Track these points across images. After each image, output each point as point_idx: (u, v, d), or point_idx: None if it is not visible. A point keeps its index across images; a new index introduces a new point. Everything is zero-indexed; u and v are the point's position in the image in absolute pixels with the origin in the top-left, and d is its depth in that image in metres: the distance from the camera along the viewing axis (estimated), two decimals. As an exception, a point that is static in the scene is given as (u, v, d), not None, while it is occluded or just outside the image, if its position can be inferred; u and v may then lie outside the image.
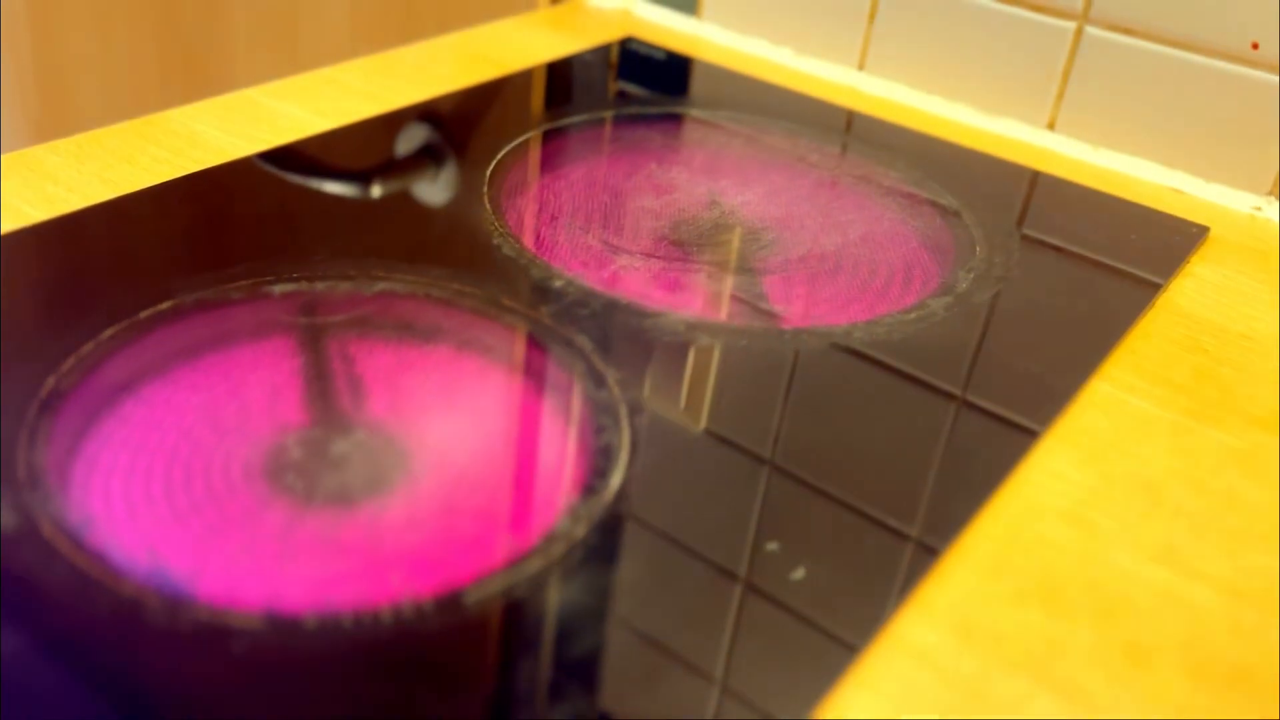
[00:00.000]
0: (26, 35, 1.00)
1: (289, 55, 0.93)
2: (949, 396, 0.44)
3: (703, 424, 0.41)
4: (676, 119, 0.65)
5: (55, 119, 1.03)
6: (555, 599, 0.33)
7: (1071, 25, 0.65)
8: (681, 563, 0.35)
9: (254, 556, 0.33)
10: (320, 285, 0.45)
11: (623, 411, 0.40)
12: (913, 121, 0.68)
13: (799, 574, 0.35)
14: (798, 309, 0.49)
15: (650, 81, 0.71)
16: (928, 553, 0.36)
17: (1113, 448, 0.42)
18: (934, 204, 0.58)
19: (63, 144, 0.52)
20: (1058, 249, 0.55)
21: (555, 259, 0.49)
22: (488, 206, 0.52)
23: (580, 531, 0.35)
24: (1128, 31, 0.63)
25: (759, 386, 0.43)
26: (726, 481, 0.38)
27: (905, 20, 0.70)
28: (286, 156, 0.55)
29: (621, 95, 0.69)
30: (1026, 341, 0.48)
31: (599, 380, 0.42)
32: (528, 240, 0.50)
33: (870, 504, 0.38)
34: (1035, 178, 0.63)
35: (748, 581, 0.34)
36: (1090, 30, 0.64)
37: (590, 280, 0.48)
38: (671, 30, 0.78)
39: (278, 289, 0.45)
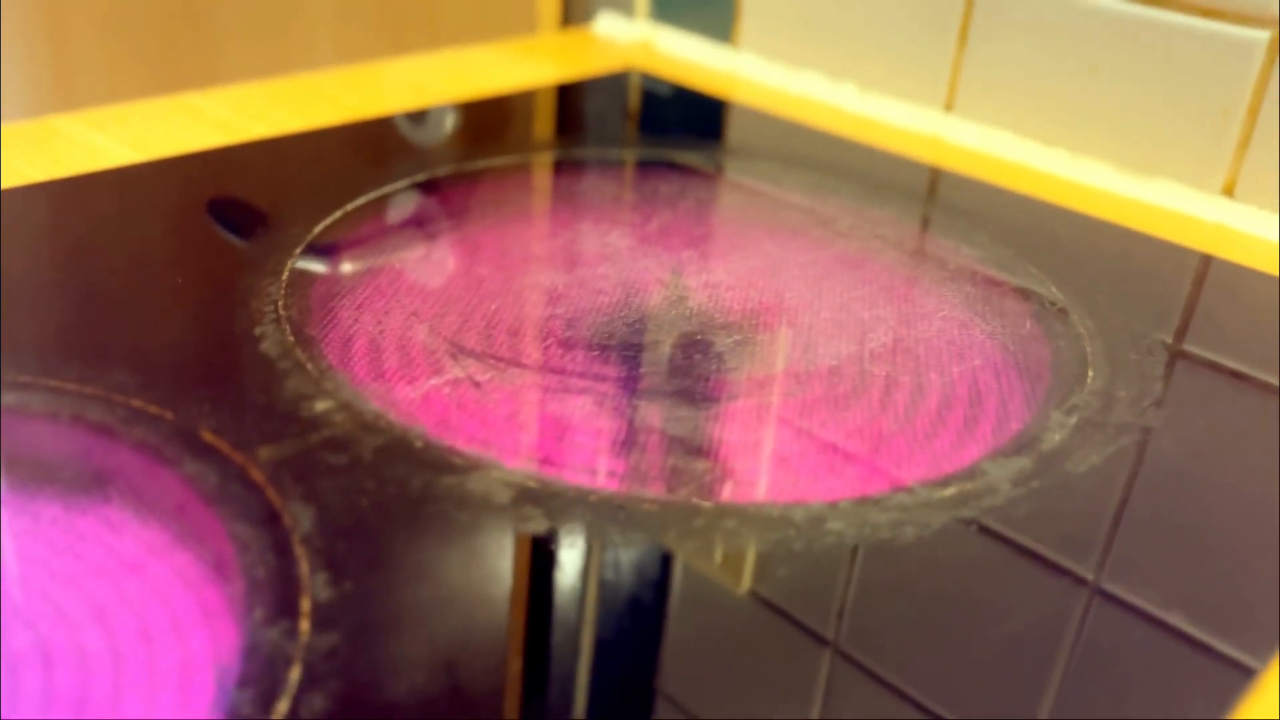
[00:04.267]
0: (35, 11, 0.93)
1: (279, 57, 0.80)
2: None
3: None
4: (656, 163, 0.45)
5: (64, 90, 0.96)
6: None
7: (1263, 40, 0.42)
8: None
9: None
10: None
11: (289, 681, 0.20)
12: (1020, 182, 0.46)
13: None
14: (747, 468, 0.27)
15: (668, 123, 0.51)
16: None
17: None
18: (1027, 296, 0.36)
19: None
20: (1236, 374, 0.32)
21: (349, 364, 0.30)
22: (281, 278, 0.33)
23: None
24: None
25: (608, 610, 0.22)
26: None
27: (1012, 43, 0.48)
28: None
29: (595, 133, 0.49)
30: (1178, 565, 0.25)
31: (281, 605, 0.21)
32: (321, 333, 0.31)
33: None
34: (1204, 264, 0.40)
35: None
36: (1294, 44, 0.42)
37: (384, 402, 0.28)
38: (701, 66, 0.58)
39: None
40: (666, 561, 0.24)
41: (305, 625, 0.21)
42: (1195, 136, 0.45)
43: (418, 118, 0.47)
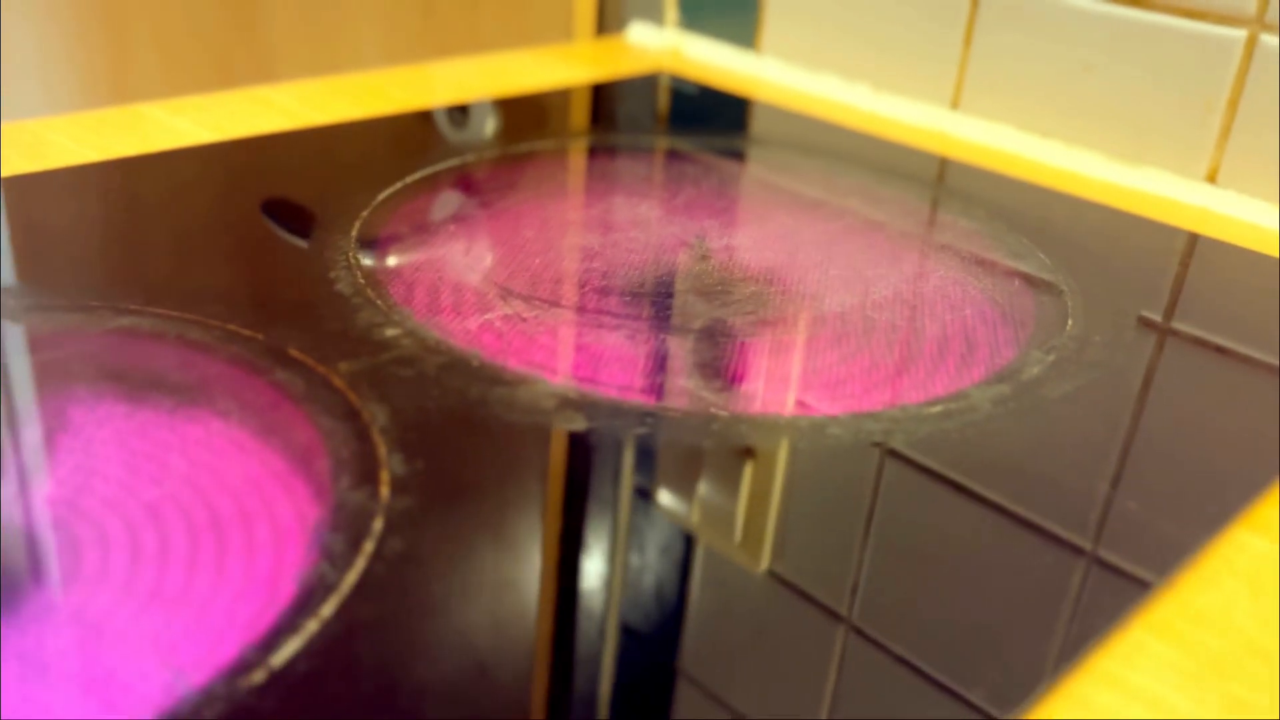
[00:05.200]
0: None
1: (328, 59, 0.84)
2: (998, 512, 0.25)
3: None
4: (684, 151, 0.49)
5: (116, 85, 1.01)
6: None
7: (1242, 33, 0.46)
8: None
9: None
10: (40, 316, 0.31)
11: (374, 529, 0.24)
12: (1019, 171, 0.50)
13: None
14: (762, 389, 0.31)
15: (696, 118, 0.55)
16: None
17: (1239, 619, 0.23)
18: (1018, 260, 0.40)
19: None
20: (1198, 340, 0.36)
21: (412, 302, 0.34)
22: (351, 236, 0.37)
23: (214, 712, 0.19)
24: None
25: (638, 485, 0.26)
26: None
27: (1012, 45, 0.52)
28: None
29: (636, 124, 0.53)
30: (1122, 468, 0.29)
31: (364, 476, 0.26)
32: (385, 278, 0.35)
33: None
34: (1186, 240, 0.44)
35: None
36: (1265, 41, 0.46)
37: (444, 332, 0.32)
38: (726, 69, 0.62)
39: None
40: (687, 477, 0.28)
41: (385, 491, 0.25)
42: (1180, 127, 0.49)
43: (461, 112, 0.51)
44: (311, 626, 0.21)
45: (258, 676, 0.20)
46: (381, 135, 0.48)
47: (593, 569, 0.24)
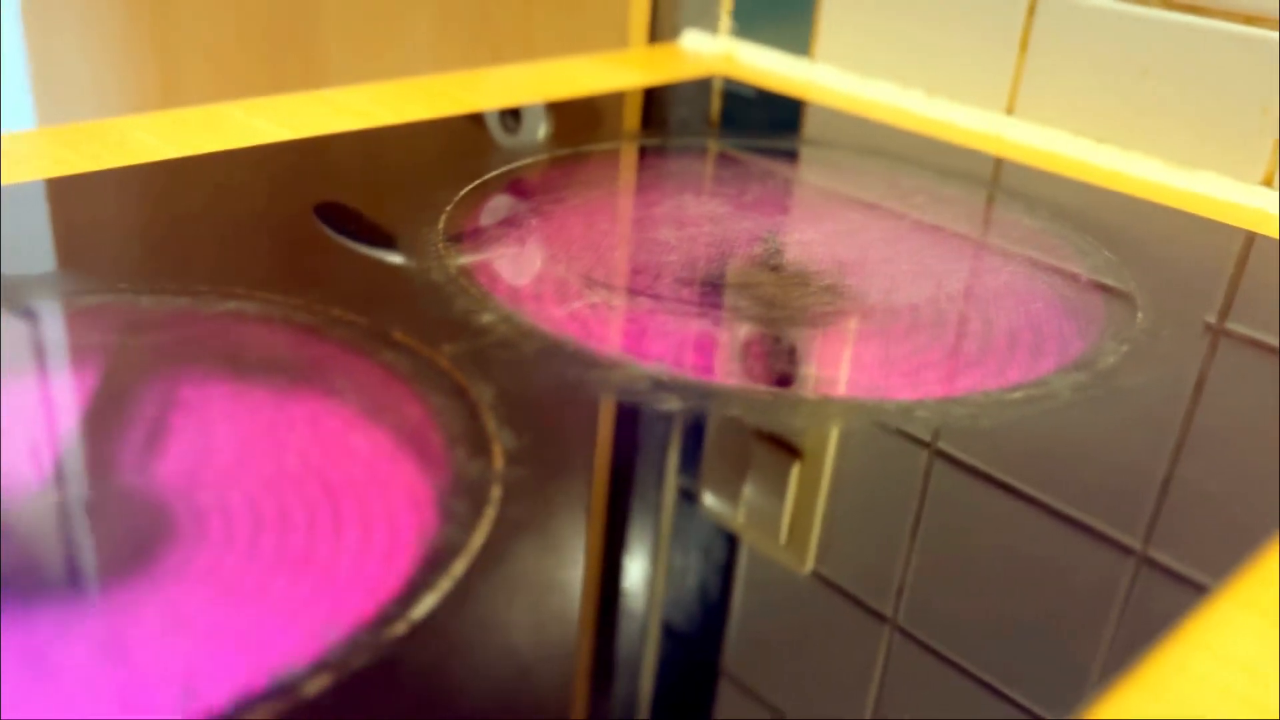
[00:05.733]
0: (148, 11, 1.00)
1: (379, 69, 0.86)
2: (1052, 514, 0.26)
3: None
4: (745, 151, 0.50)
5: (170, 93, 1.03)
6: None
7: (1298, 40, 0.47)
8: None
9: None
10: (149, 299, 0.32)
11: (492, 496, 0.25)
12: (1075, 174, 0.51)
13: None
14: (844, 374, 0.32)
15: (750, 121, 0.56)
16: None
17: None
18: (1083, 256, 0.41)
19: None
20: (1256, 341, 0.37)
21: (500, 290, 0.35)
22: (438, 229, 0.38)
23: (317, 686, 0.20)
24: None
25: (732, 470, 0.27)
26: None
27: (1068, 50, 0.53)
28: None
29: (692, 126, 0.54)
30: (1202, 459, 0.30)
31: (478, 448, 0.27)
32: (474, 269, 0.36)
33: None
34: (1244, 238, 0.44)
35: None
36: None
37: (536, 318, 0.33)
38: (780, 76, 0.64)
39: (96, 300, 0.32)
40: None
41: (499, 462, 0.26)
42: (1236, 132, 0.49)
43: (514, 116, 0.53)
44: (445, 584, 0.22)
45: (400, 628, 0.21)
46: (457, 134, 0.49)
47: (690, 538, 0.25)
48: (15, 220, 0.36)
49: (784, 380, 0.31)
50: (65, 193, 0.39)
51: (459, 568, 0.23)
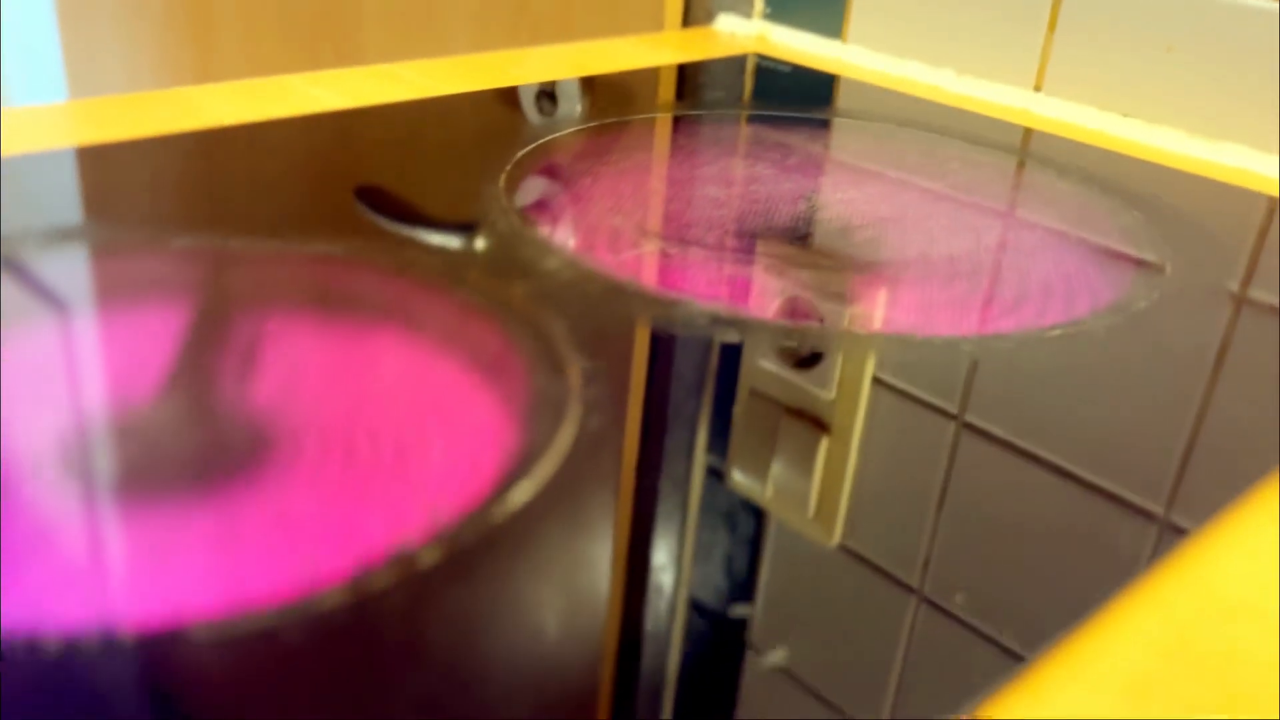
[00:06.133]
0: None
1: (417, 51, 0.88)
2: (1078, 483, 0.28)
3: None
4: (791, 121, 0.52)
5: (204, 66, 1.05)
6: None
7: (1320, 14, 0.49)
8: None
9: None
10: (238, 242, 0.34)
11: (571, 410, 0.27)
12: (1102, 146, 0.53)
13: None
14: (888, 313, 0.34)
15: (784, 94, 0.58)
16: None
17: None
18: (1114, 215, 0.43)
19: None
20: (1291, 275, 0.38)
21: (561, 239, 0.37)
22: (499, 185, 0.41)
23: (432, 557, 0.22)
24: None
25: (781, 394, 0.29)
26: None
27: (1096, 27, 0.55)
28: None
29: (728, 99, 0.56)
30: (1236, 394, 0.32)
31: (554, 369, 0.29)
32: (536, 219, 0.38)
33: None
34: (1266, 201, 0.46)
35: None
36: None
37: (599, 263, 0.35)
38: (813, 55, 0.66)
39: (186, 243, 0.34)
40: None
41: (576, 380, 0.28)
42: (1258, 104, 0.51)
43: (553, 91, 0.55)
44: (537, 482, 0.24)
45: (498, 516, 0.23)
46: (508, 104, 0.51)
47: (744, 445, 0.27)
48: (109, 176, 0.39)
49: (831, 318, 0.33)
50: (155, 152, 0.41)
51: (548, 468, 0.25)
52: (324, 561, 0.22)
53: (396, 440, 0.26)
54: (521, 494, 0.23)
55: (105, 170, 0.40)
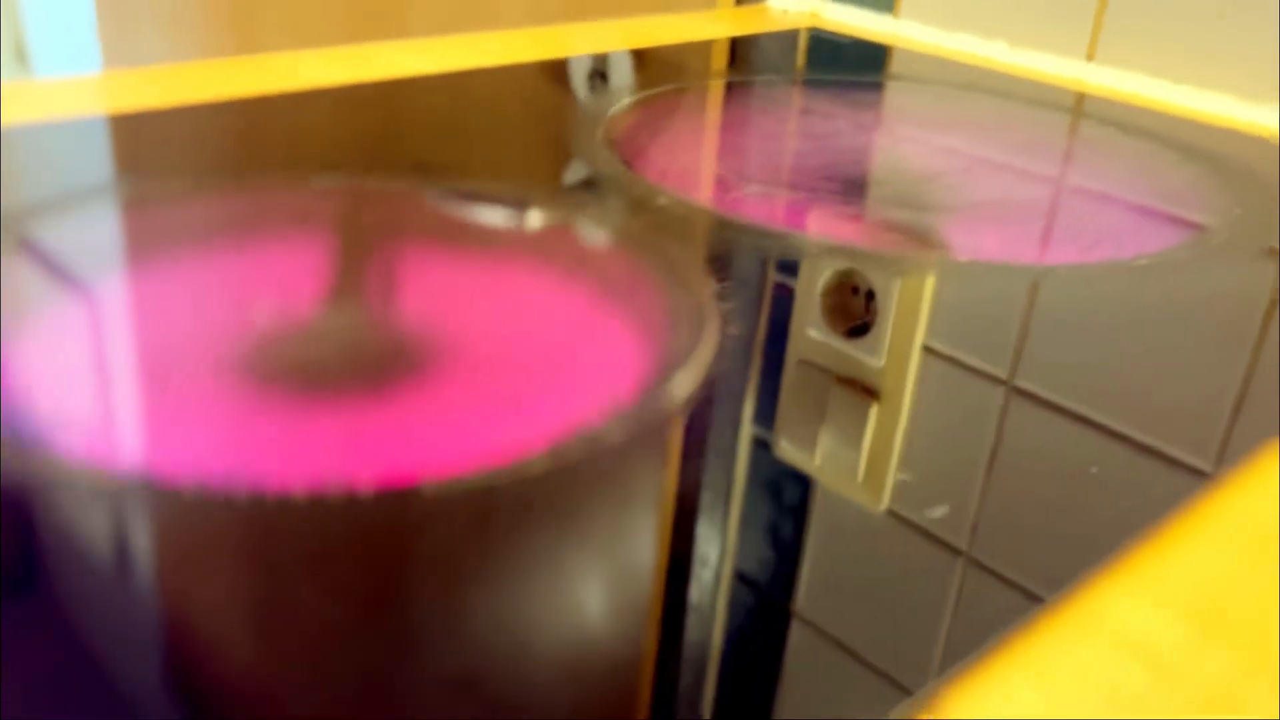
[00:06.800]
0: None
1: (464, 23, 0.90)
2: (1125, 441, 0.30)
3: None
4: (870, 86, 0.55)
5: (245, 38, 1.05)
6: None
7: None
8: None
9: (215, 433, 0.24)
10: (372, 182, 0.37)
11: (708, 318, 0.29)
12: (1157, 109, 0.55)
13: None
14: (979, 245, 0.36)
15: (839, 63, 0.61)
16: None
17: None
18: (1178, 165, 0.45)
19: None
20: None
21: (667, 182, 0.39)
22: (598, 137, 0.43)
23: (615, 436, 0.24)
24: None
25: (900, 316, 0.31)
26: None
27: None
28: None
29: (811, 65, 0.59)
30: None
31: (690, 288, 0.31)
32: (639, 165, 0.40)
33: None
34: (1318, 160, 0.48)
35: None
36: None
37: (704, 203, 0.37)
38: (865, 30, 0.68)
39: (323, 183, 0.36)
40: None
41: (714, 296, 0.30)
42: (1309, 67, 0.53)
43: (603, 70, 0.57)
44: (694, 377, 0.26)
45: (669, 404, 0.25)
46: (558, 79, 0.54)
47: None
48: (224, 130, 0.41)
49: (922, 251, 0.36)
50: (281, 108, 0.44)
51: (696, 372, 0.27)
52: (514, 438, 0.24)
53: (555, 347, 0.28)
54: (682, 390, 0.26)
55: (248, 121, 0.42)
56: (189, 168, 0.37)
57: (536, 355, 0.28)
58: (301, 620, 0.19)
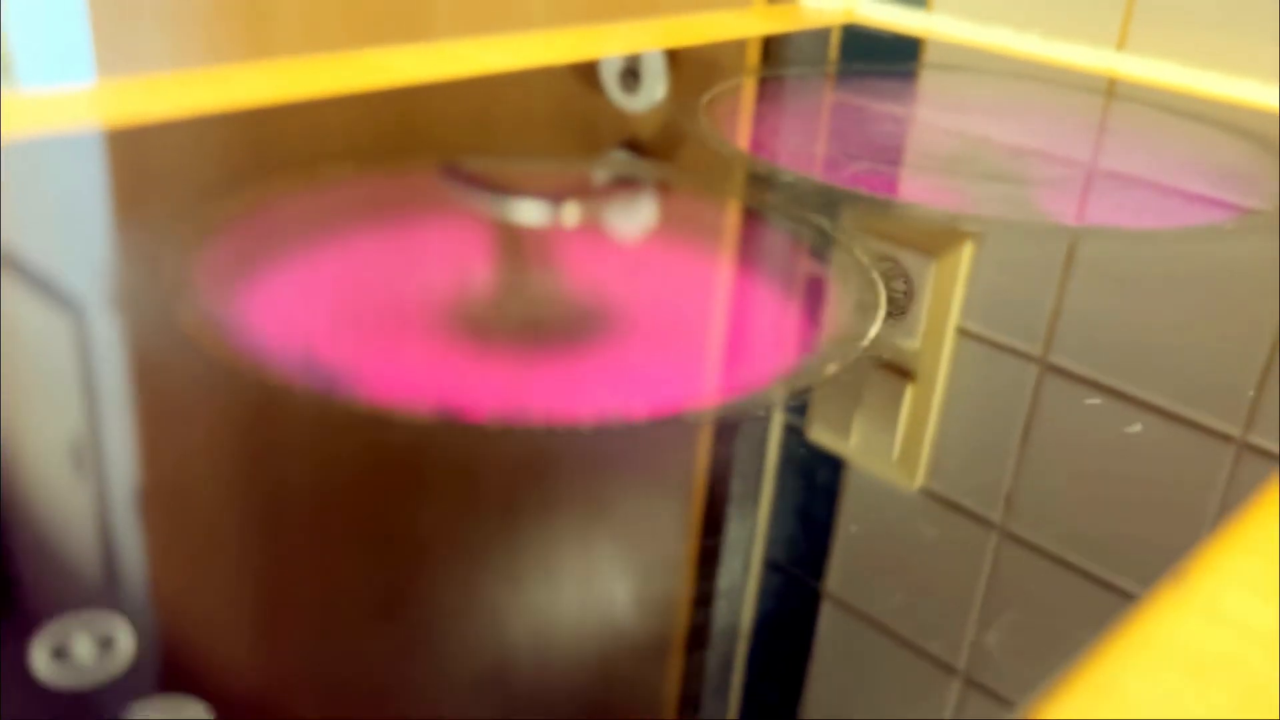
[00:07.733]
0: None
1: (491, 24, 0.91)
2: (1157, 412, 0.33)
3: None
4: (911, 74, 0.58)
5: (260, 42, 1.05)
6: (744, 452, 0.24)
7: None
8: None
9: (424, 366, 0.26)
10: (516, 165, 0.39)
11: (875, 275, 0.32)
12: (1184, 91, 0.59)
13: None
14: (1071, 209, 0.40)
15: (878, 55, 0.64)
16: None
17: None
18: (1224, 138, 0.48)
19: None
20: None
21: (780, 162, 0.42)
22: (702, 120, 0.46)
23: (805, 382, 0.27)
24: None
25: (1034, 280, 0.35)
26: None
27: (1175, -12, 0.61)
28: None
29: (845, 58, 0.62)
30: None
31: (839, 248, 0.34)
32: (747, 147, 0.43)
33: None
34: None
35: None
36: None
37: (824, 179, 0.40)
38: (900, 25, 0.71)
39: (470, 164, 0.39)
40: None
41: (870, 259, 0.33)
42: (1333, 52, 0.57)
43: (636, 68, 0.60)
44: (858, 347, 0.29)
45: (832, 370, 0.28)
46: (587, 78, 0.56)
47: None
48: (303, 128, 0.44)
49: (1028, 213, 0.39)
50: (372, 103, 0.46)
51: (868, 337, 0.30)
52: (707, 387, 0.27)
53: (723, 312, 0.31)
54: (853, 356, 0.29)
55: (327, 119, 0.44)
56: (279, 167, 0.40)
57: (719, 319, 0.31)
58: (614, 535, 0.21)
